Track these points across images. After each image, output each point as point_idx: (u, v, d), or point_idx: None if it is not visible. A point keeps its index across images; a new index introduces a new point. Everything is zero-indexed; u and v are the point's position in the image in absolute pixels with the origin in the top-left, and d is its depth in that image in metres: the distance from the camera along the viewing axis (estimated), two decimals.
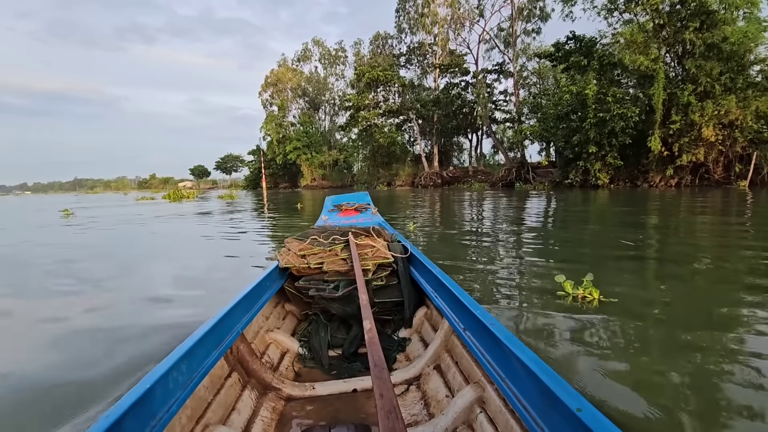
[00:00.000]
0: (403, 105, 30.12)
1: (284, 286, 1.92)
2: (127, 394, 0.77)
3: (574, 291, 2.38)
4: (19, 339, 2.21)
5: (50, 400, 1.47)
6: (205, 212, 11.73)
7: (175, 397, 0.89)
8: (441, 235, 5.49)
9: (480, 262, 3.55)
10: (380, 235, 2.10)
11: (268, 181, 48.14)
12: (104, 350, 1.92)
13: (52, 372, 1.72)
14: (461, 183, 30.18)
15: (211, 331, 1.10)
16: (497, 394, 0.98)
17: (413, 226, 5.81)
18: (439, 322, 1.55)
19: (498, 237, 5.13)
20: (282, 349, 1.62)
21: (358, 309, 1.39)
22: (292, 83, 45.62)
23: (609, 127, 16.58)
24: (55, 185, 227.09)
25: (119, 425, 0.70)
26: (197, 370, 1.01)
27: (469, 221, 7.45)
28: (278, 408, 1.23)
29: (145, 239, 6.36)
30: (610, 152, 17.52)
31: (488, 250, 4.23)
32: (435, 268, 1.62)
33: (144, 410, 0.78)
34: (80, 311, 2.58)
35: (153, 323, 2.23)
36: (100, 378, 1.61)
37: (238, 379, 1.25)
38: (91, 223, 9.14)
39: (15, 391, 1.56)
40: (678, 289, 2.62)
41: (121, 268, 4.03)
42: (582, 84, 16.84)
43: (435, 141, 32.19)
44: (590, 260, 3.56)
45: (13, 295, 3.12)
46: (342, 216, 3.41)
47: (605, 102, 16.33)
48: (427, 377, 1.34)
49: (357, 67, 29.81)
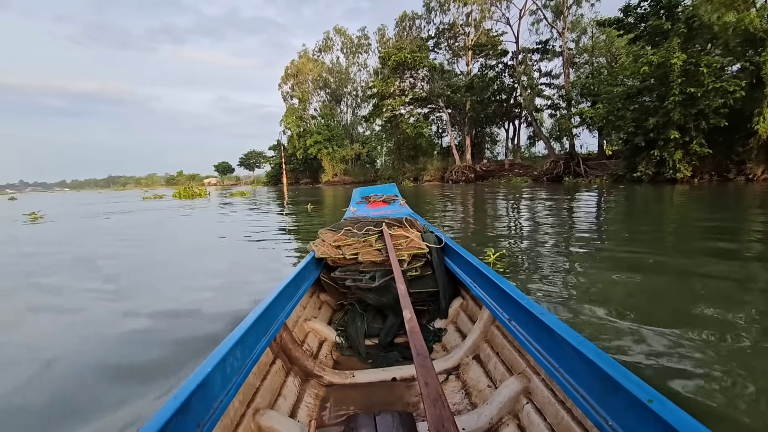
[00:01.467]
0: (432, 92, 27.09)
1: (320, 277, 1.90)
2: (190, 378, 0.78)
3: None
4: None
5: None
6: (184, 214, 9.58)
7: (232, 382, 0.90)
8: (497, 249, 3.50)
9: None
10: (413, 226, 2.07)
11: (288, 177, 47.06)
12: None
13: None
14: (496, 178, 27.15)
15: (258, 320, 1.11)
16: (545, 384, 0.98)
17: (493, 255, 3.21)
18: (477, 312, 1.55)
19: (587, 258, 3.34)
20: (320, 337, 1.64)
21: (394, 299, 1.57)
22: (312, 74, 43.55)
23: (700, 106, 13.23)
24: (91, 182, 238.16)
25: (187, 405, 0.72)
26: (249, 356, 1.02)
27: (529, 230, 5.34)
28: (320, 394, 1.25)
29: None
30: (696, 138, 14.14)
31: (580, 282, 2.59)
32: (473, 258, 1.58)
33: (207, 393, 0.80)
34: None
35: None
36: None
37: (281, 366, 1.27)
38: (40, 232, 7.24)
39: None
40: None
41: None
42: (664, 53, 13.51)
43: (467, 131, 29.08)
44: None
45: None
46: (371, 207, 3.36)
47: (697, 74, 12.99)
48: (467, 367, 1.33)
49: (382, 51, 26.99)
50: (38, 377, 1.65)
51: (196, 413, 0.75)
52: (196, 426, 0.74)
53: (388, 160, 37.58)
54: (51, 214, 11.36)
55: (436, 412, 0.64)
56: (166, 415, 0.67)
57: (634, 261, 3.16)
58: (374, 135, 42.13)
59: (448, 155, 32.42)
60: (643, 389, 0.64)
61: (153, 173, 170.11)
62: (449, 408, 0.66)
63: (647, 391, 0.63)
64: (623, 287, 2.53)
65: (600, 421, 0.71)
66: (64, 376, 1.67)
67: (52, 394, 1.52)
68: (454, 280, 1.82)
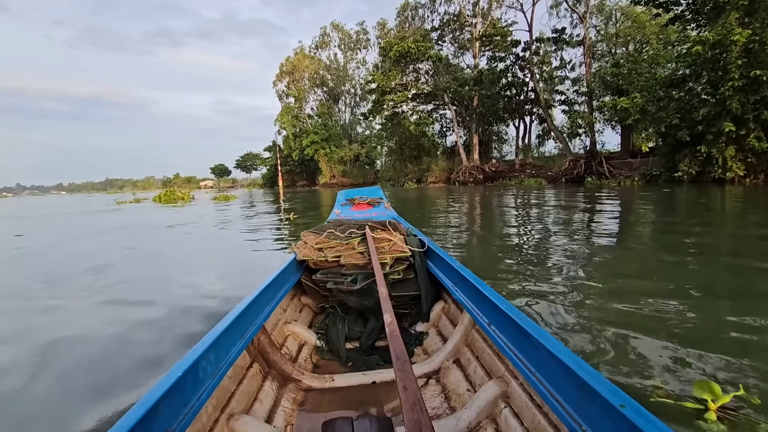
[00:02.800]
0: (437, 86, 24.84)
1: (301, 279, 1.87)
2: (160, 382, 0.77)
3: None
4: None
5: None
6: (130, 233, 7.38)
7: (205, 386, 0.88)
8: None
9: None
10: (396, 229, 2.03)
11: (285, 179, 45.01)
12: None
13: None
14: (506, 179, 25.02)
15: (234, 322, 1.09)
16: (522, 389, 0.98)
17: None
18: (459, 316, 1.53)
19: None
20: (300, 341, 1.61)
21: (376, 302, 1.54)
22: (309, 71, 41.45)
23: (765, 92, 11.10)
24: (88, 185, 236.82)
25: (155, 411, 0.70)
26: (223, 360, 0.99)
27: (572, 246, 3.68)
28: (298, 399, 1.24)
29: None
30: (754, 131, 12.01)
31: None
32: (454, 262, 1.56)
33: (177, 398, 0.78)
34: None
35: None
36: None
37: (259, 370, 1.25)
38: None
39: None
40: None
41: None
42: (721, 30, 11.36)
43: (475, 129, 26.87)
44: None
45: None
46: (355, 210, 3.31)
47: (763, 54, 10.86)
48: (447, 371, 1.32)
49: (382, 42, 24.58)
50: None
51: (165, 419, 0.73)
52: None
53: (389, 161, 35.44)
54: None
55: (414, 417, 0.63)
56: (131, 421, 0.65)
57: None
58: (374, 134, 39.99)
59: (453, 155, 30.26)
60: (616, 395, 0.64)
61: (151, 176, 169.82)
62: (427, 413, 0.65)
63: (620, 397, 0.64)
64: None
65: (575, 426, 0.71)
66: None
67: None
68: (436, 284, 1.79)
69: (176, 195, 20.93)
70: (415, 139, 30.80)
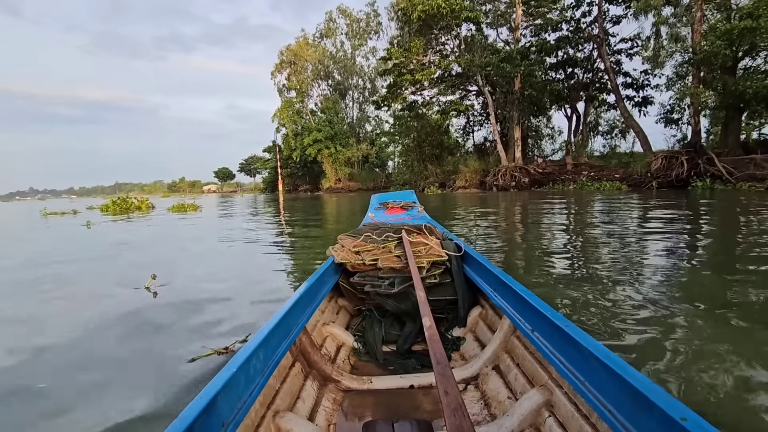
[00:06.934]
0: (470, 63, 19.11)
1: (338, 282, 1.87)
2: (216, 377, 0.78)
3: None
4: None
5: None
6: None
7: (255, 383, 0.90)
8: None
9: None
10: (432, 233, 2.04)
11: (286, 184, 39.79)
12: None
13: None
14: (558, 183, 19.19)
15: (280, 323, 1.11)
16: (567, 398, 0.94)
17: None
18: (497, 322, 1.51)
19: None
20: (338, 342, 1.62)
21: (413, 306, 1.54)
22: (312, 60, 36.21)
23: None
24: (98, 189, 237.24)
25: (214, 405, 0.72)
26: (271, 358, 1.02)
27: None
28: (338, 399, 1.24)
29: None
30: None
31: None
32: (493, 267, 1.54)
33: (232, 393, 0.80)
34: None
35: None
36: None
37: (300, 370, 1.26)
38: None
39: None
40: None
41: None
42: None
43: (517, 120, 21.08)
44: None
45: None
46: (389, 214, 3.28)
47: None
48: (486, 377, 1.30)
49: (402, 2, 18.86)
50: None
51: (221, 413, 0.74)
52: (220, 425, 0.74)
53: (403, 162, 29.81)
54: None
55: (456, 422, 0.62)
56: (192, 414, 0.66)
57: None
58: (384, 132, 34.51)
59: (483, 154, 24.53)
60: (676, 407, 0.60)
61: (159, 180, 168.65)
62: (469, 418, 0.64)
63: (681, 410, 0.60)
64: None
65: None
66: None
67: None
68: (473, 289, 1.77)
69: (130, 204, 15.68)
70: (438, 135, 25.11)
